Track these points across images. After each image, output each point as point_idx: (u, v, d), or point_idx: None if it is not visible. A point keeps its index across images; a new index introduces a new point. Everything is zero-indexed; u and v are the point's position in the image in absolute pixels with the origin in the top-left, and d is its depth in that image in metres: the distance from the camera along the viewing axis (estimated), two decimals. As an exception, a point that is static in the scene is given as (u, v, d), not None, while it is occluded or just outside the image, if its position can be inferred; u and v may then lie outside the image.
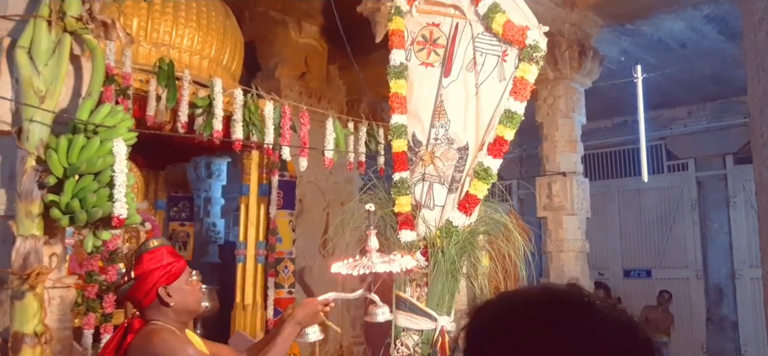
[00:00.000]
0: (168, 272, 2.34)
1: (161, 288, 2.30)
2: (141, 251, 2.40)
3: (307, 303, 2.55)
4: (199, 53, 5.12)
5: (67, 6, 2.74)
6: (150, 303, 2.33)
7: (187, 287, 2.39)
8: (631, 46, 7.70)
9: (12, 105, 2.74)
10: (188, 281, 2.42)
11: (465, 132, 3.61)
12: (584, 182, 7.19)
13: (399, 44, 3.68)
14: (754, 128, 1.19)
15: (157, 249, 2.39)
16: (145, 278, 2.31)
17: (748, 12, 1.25)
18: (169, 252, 2.41)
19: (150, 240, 2.47)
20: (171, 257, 2.38)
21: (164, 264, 2.34)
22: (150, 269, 2.32)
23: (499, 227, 3.80)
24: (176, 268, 2.37)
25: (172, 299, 2.32)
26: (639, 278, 11.38)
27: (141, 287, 2.31)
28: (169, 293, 2.31)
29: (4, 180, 2.85)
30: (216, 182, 10.31)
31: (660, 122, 10.81)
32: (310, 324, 2.56)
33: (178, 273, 2.37)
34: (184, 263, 2.42)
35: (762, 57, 1.14)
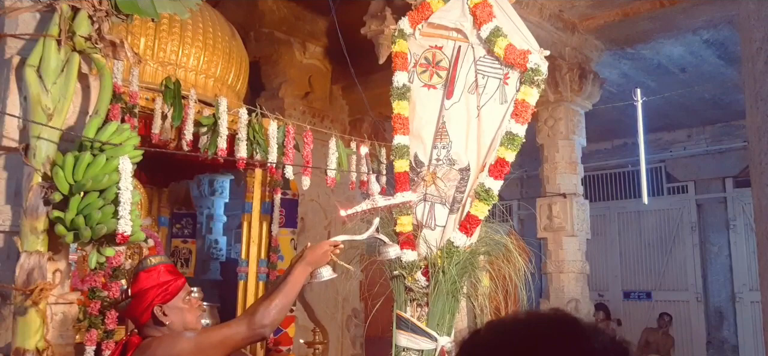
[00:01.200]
0: (164, 290, 2.33)
1: (157, 307, 2.30)
2: (138, 269, 2.40)
3: (317, 245, 2.56)
4: (205, 73, 5.17)
5: (77, 26, 2.79)
6: (146, 321, 2.33)
7: (184, 305, 2.38)
8: (632, 70, 7.77)
9: (20, 122, 2.78)
10: (186, 299, 2.40)
11: (466, 153, 3.65)
12: (584, 203, 7.22)
13: (402, 66, 3.74)
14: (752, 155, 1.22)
15: (154, 267, 2.38)
16: (141, 296, 2.31)
17: (747, 42, 1.29)
18: (167, 270, 2.40)
19: (148, 258, 2.48)
20: (168, 276, 2.37)
21: (161, 282, 2.33)
22: (146, 287, 2.32)
23: (500, 248, 3.82)
24: (173, 286, 2.36)
25: (167, 318, 2.31)
26: (639, 300, 11.37)
27: (137, 305, 2.32)
28: (164, 312, 2.31)
29: (10, 196, 2.88)
30: (219, 199, 10.36)
31: (660, 144, 10.87)
32: (320, 264, 2.56)
33: (175, 292, 2.36)
34: (182, 282, 2.41)
35: (760, 86, 1.17)
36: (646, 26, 6.48)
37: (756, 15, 1.22)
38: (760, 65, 1.17)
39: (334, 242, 2.60)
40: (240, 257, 6.03)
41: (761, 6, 1.20)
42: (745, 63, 1.33)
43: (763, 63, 1.15)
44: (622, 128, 9.52)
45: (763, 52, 1.16)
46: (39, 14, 2.85)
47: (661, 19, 6.30)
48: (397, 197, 2.85)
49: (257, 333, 2.33)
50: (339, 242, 2.62)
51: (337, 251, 2.62)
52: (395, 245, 2.80)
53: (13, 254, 2.80)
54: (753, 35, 1.22)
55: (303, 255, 2.53)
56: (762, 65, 1.16)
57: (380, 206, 2.69)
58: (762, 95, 1.15)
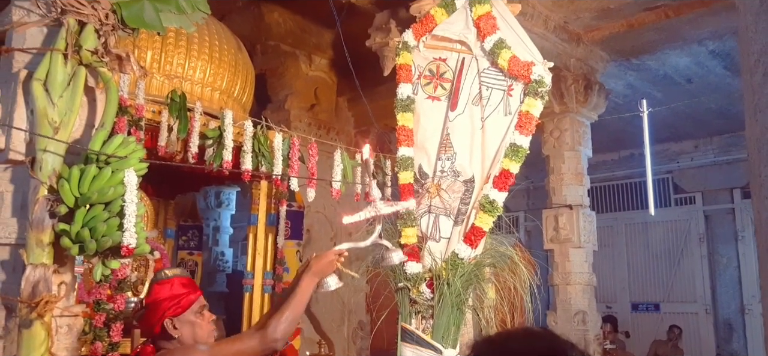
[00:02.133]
0: (177, 303, 2.34)
1: (167, 319, 2.31)
2: (154, 280, 2.42)
3: (322, 254, 2.56)
4: (211, 85, 5.21)
5: (84, 40, 2.81)
6: (158, 333, 2.34)
7: (196, 319, 2.38)
8: (637, 81, 7.76)
9: (26, 136, 2.80)
10: (198, 313, 2.40)
11: (471, 165, 3.65)
12: (591, 214, 7.20)
13: (406, 78, 3.75)
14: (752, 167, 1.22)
15: (168, 280, 2.40)
16: (154, 308, 2.32)
17: (745, 54, 1.29)
18: (181, 283, 2.41)
19: (164, 270, 2.49)
20: (182, 289, 2.38)
21: (173, 295, 2.35)
22: (159, 299, 2.33)
23: (505, 260, 3.81)
24: (185, 300, 2.36)
25: (177, 331, 2.32)
26: (647, 312, 11.30)
27: (151, 316, 2.33)
28: (175, 325, 2.31)
29: (16, 209, 2.89)
30: (225, 211, 10.38)
31: (667, 155, 10.83)
32: (326, 273, 2.56)
33: (187, 305, 2.36)
34: (195, 296, 2.42)
35: (758, 98, 1.17)
36: (651, 37, 6.48)
37: (754, 28, 1.22)
38: (758, 77, 1.17)
39: (339, 251, 2.61)
40: (246, 269, 6.03)
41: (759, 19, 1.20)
42: (744, 75, 1.33)
43: (761, 75, 1.15)
44: (629, 139, 9.49)
45: (761, 64, 1.16)
46: (46, 29, 2.87)
47: (666, 30, 6.29)
48: (400, 203, 2.87)
49: (269, 346, 2.35)
50: (344, 251, 2.63)
51: (342, 259, 2.63)
52: (398, 250, 2.82)
53: (19, 267, 2.81)
54: (751, 48, 1.22)
55: (309, 266, 2.54)
56: (760, 77, 1.16)
57: (383, 213, 2.71)
58: (761, 106, 1.16)
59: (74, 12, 2.73)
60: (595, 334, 7.03)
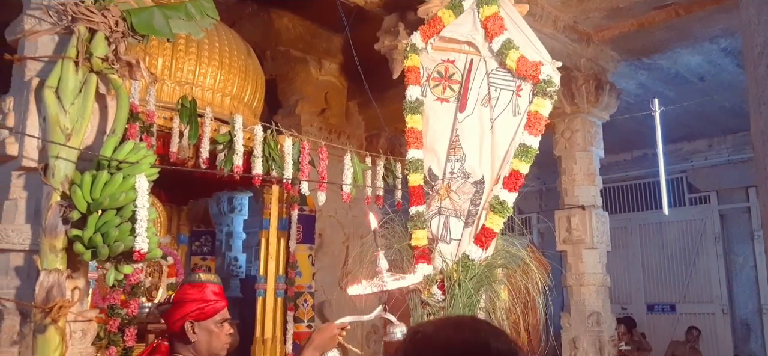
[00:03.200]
0: (202, 309, 2.35)
1: (189, 322, 2.32)
2: (187, 280, 2.44)
3: (324, 327, 2.55)
4: (222, 91, 5.24)
5: (94, 47, 2.85)
6: (177, 331, 2.35)
7: (215, 329, 2.40)
8: (649, 80, 7.70)
9: (39, 143, 2.83)
10: (218, 324, 2.42)
11: (480, 166, 3.65)
12: (604, 215, 7.14)
13: (415, 80, 3.76)
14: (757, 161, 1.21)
15: (201, 284, 2.42)
16: (179, 306, 2.34)
17: (749, 47, 1.28)
18: (212, 291, 2.43)
19: (200, 273, 2.52)
20: (211, 296, 2.40)
21: (201, 300, 2.36)
22: (187, 300, 2.35)
23: (516, 261, 3.80)
24: (210, 308, 2.38)
25: (195, 336, 2.33)
26: (663, 313, 11.19)
27: (173, 313, 2.35)
28: (194, 329, 2.33)
29: (30, 215, 2.93)
30: (238, 216, 10.41)
31: (680, 154, 10.73)
32: (328, 348, 2.55)
33: (211, 314, 2.38)
34: (221, 307, 2.43)
35: (762, 90, 1.16)
36: (662, 36, 6.43)
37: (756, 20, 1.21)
38: (761, 70, 1.16)
39: (341, 325, 2.60)
40: (258, 273, 6.06)
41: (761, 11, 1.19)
42: (748, 67, 1.32)
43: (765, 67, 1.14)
44: (642, 139, 9.42)
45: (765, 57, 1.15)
46: (57, 37, 2.91)
47: (676, 28, 6.24)
48: (408, 278, 2.79)
49: None
50: (346, 324, 2.61)
51: (343, 333, 2.60)
52: (402, 325, 2.77)
53: (33, 273, 2.84)
54: (754, 40, 1.21)
55: (311, 338, 2.52)
56: (764, 70, 1.15)
57: (389, 288, 2.64)
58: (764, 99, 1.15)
59: (85, 20, 2.76)
60: (610, 335, 6.97)
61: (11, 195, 2.94)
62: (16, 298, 2.95)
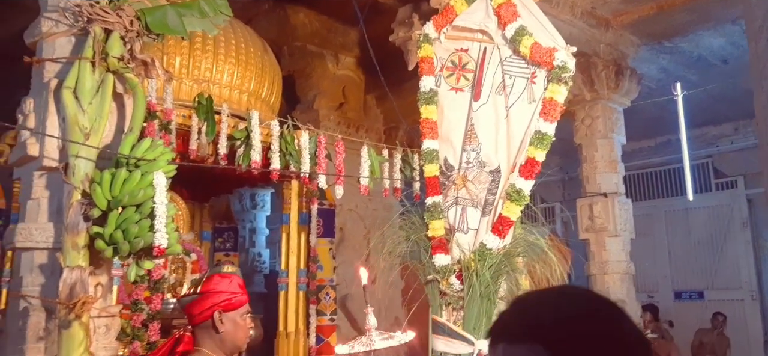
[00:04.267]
0: (229, 300, 2.38)
1: (217, 312, 2.35)
2: (214, 271, 2.46)
3: None
4: (239, 88, 5.29)
5: (110, 47, 2.89)
6: (202, 322, 2.36)
7: (240, 321, 2.43)
8: (671, 64, 7.58)
9: (59, 142, 2.89)
10: (243, 317, 2.45)
11: (496, 155, 3.63)
12: (627, 202, 7.07)
13: (428, 71, 3.75)
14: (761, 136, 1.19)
15: (229, 275, 2.45)
16: (207, 296, 2.36)
17: (750, 21, 1.26)
18: (239, 283, 2.46)
19: (227, 264, 2.55)
20: (238, 289, 2.43)
21: (230, 291, 2.39)
22: (215, 290, 2.37)
23: (536, 250, 3.78)
24: (238, 300, 2.41)
25: (223, 326, 2.36)
26: (691, 300, 11.03)
27: (201, 303, 2.36)
28: (222, 320, 2.36)
29: (52, 214, 2.99)
30: (260, 212, 10.49)
31: (706, 139, 10.54)
32: None
33: (238, 306, 2.41)
34: (246, 300, 2.47)
35: (764, 64, 1.14)
36: (682, 19, 6.33)
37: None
38: (762, 43, 1.14)
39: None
40: (280, 268, 6.11)
41: (762, -17, 1.17)
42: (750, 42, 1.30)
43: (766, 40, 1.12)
44: (665, 125, 9.27)
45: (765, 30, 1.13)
46: (74, 38, 2.96)
47: (697, 10, 6.14)
48: (396, 337, 2.77)
49: None
50: None
51: None
52: None
53: (57, 270, 2.91)
54: (755, 13, 1.19)
55: None
56: (764, 43, 1.13)
57: (377, 347, 2.63)
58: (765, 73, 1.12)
59: (100, 20, 2.81)
60: (635, 324, 6.90)
61: (34, 195, 3.00)
62: (41, 295, 3.02)
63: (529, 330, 0.94)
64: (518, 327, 0.95)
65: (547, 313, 0.96)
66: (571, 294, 1.03)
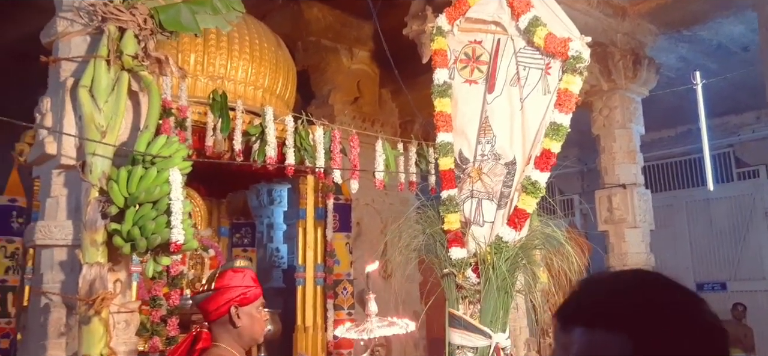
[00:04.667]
0: (244, 294, 2.39)
1: (234, 307, 2.36)
2: (227, 266, 2.47)
3: None
4: (253, 84, 5.32)
5: (124, 45, 2.92)
6: (218, 318, 2.37)
7: (256, 314, 2.44)
8: (690, 53, 7.48)
9: (76, 141, 2.92)
10: (258, 309, 2.46)
11: (511, 147, 3.60)
12: (646, 193, 7.00)
13: (442, 63, 3.73)
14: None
15: (241, 270, 2.46)
16: (222, 292, 2.37)
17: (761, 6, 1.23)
18: (251, 277, 2.48)
19: (238, 259, 2.56)
20: (252, 282, 2.45)
21: (245, 285, 2.40)
22: (230, 285, 2.38)
23: (553, 243, 3.75)
24: (253, 293, 2.42)
25: (240, 321, 2.36)
26: (713, 291, 10.90)
27: (216, 299, 2.37)
28: (238, 314, 2.37)
29: (71, 212, 3.03)
30: (278, 208, 10.55)
31: (727, 128, 10.40)
32: None
33: (253, 299, 2.42)
34: (260, 292, 2.48)
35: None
36: (701, 6, 6.24)
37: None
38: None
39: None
40: (296, 262, 6.14)
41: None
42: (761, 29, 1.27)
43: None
44: (685, 114, 9.15)
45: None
46: (89, 37, 2.99)
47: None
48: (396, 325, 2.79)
49: None
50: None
51: None
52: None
53: (77, 267, 2.94)
54: None
55: None
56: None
57: (376, 335, 2.65)
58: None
59: (114, 19, 2.83)
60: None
61: (52, 193, 3.04)
62: (61, 292, 3.06)
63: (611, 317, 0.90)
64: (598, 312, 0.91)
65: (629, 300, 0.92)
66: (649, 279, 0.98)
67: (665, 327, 0.87)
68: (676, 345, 0.86)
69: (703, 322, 0.90)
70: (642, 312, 0.89)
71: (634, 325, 0.87)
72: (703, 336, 0.89)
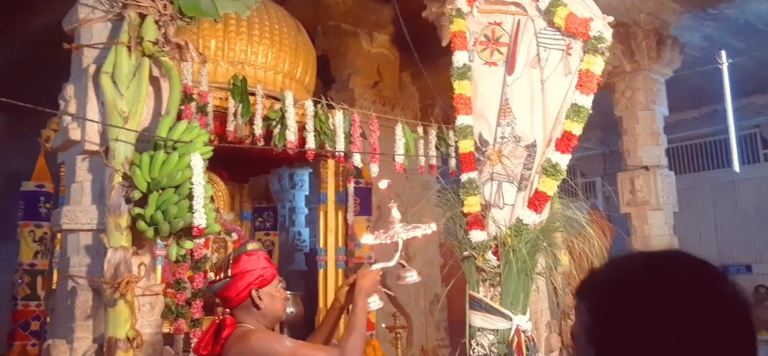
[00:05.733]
0: (261, 276, 2.42)
1: (254, 290, 2.39)
2: (240, 252, 2.50)
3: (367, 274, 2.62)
4: (273, 68, 5.34)
5: (145, 31, 2.95)
6: (240, 303, 2.41)
7: (276, 293, 2.47)
8: (715, 32, 7.32)
9: (99, 127, 2.97)
10: (278, 287, 2.49)
11: (532, 129, 3.58)
12: (669, 175, 6.91)
13: (461, 45, 3.71)
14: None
15: (254, 252, 2.49)
16: (240, 278, 2.40)
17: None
18: (265, 257, 2.51)
19: (249, 243, 2.60)
20: (266, 263, 2.48)
21: (260, 267, 2.43)
22: (246, 270, 2.41)
23: (574, 225, 3.74)
24: (269, 273, 2.45)
25: (262, 302, 2.40)
26: (738, 273, 10.75)
27: (235, 286, 2.40)
28: (260, 296, 2.40)
29: (95, 196, 3.08)
30: (299, 192, 10.60)
31: (753, 109, 10.20)
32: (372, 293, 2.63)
33: (271, 279, 2.45)
34: (276, 271, 2.52)
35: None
36: (727, -17, 6.11)
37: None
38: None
39: (377, 271, 2.67)
40: (318, 246, 6.18)
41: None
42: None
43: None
44: (710, 95, 8.98)
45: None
46: (110, 24, 3.03)
47: (744, -26, 5.92)
48: (420, 228, 2.86)
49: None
50: (379, 270, 2.70)
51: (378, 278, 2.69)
52: (413, 271, 2.82)
53: (102, 251, 3.00)
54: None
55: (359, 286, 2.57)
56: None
57: (402, 238, 2.72)
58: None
59: (134, 5, 2.86)
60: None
61: (77, 178, 3.10)
62: (87, 275, 3.12)
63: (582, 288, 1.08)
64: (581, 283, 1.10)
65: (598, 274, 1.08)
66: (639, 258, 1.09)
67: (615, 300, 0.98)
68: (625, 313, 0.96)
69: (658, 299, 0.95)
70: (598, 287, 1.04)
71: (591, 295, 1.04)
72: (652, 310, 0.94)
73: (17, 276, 5.77)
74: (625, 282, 1.00)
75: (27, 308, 5.73)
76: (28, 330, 5.71)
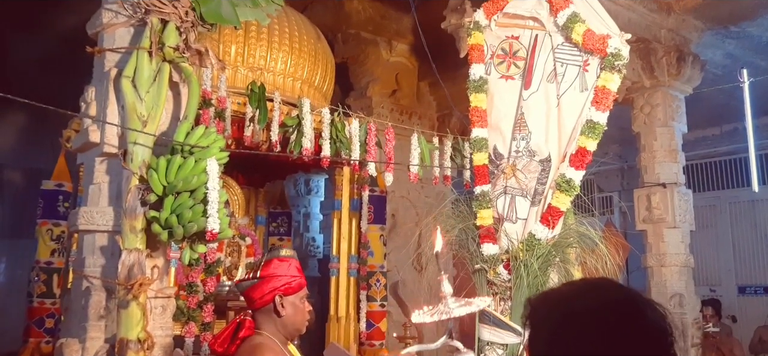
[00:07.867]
0: (289, 284, 2.41)
1: (278, 295, 2.38)
2: (273, 255, 2.49)
3: None
4: (292, 75, 5.38)
5: (166, 37, 2.99)
6: (263, 306, 2.40)
7: (300, 304, 2.45)
8: (737, 49, 7.26)
9: (118, 130, 3.01)
10: (302, 300, 2.48)
11: (547, 144, 3.59)
12: (687, 193, 6.84)
13: (478, 58, 3.73)
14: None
15: (288, 259, 2.48)
16: (268, 280, 2.39)
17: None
18: (297, 267, 2.49)
19: (284, 248, 2.59)
20: (297, 272, 2.46)
21: (290, 275, 2.42)
22: (275, 274, 2.40)
23: (587, 241, 3.72)
24: (297, 283, 2.44)
25: (284, 310, 2.39)
26: (756, 295, 10.60)
27: (261, 287, 2.39)
28: (283, 304, 2.39)
29: (112, 198, 3.12)
30: (314, 198, 10.64)
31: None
32: None
33: (297, 289, 2.44)
34: (304, 283, 2.49)
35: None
36: (750, 2, 6.05)
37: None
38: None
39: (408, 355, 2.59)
40: (331, 253, 6.20)
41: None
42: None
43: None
44: (731, 113, 8.89)
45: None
46: (133, 29, 3.07)
47: (766, -8, 5.86)
48: (475, 303, 2.62)
49: None
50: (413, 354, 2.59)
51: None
52: (469, 352, 2.57)
53: (117, 252, 3.04)
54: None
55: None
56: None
57: (455, 315, 2.42)
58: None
59: (157, 11, 2.90)
60: (694, 318, 6.70)
61: (95, 180, 3.14)
62: (101, 275, 3.16)
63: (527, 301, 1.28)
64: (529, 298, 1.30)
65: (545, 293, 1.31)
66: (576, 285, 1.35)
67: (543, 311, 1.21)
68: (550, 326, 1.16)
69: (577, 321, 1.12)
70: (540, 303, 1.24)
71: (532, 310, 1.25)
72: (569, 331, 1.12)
73: (34, 273, 5.84)
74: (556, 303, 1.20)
75: (42, 305, 5.80)
76: (42, 328, 5.77)
